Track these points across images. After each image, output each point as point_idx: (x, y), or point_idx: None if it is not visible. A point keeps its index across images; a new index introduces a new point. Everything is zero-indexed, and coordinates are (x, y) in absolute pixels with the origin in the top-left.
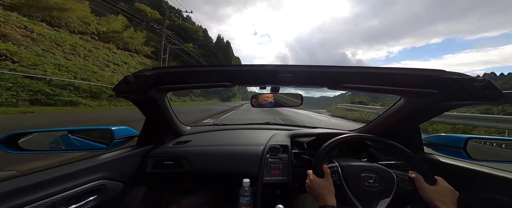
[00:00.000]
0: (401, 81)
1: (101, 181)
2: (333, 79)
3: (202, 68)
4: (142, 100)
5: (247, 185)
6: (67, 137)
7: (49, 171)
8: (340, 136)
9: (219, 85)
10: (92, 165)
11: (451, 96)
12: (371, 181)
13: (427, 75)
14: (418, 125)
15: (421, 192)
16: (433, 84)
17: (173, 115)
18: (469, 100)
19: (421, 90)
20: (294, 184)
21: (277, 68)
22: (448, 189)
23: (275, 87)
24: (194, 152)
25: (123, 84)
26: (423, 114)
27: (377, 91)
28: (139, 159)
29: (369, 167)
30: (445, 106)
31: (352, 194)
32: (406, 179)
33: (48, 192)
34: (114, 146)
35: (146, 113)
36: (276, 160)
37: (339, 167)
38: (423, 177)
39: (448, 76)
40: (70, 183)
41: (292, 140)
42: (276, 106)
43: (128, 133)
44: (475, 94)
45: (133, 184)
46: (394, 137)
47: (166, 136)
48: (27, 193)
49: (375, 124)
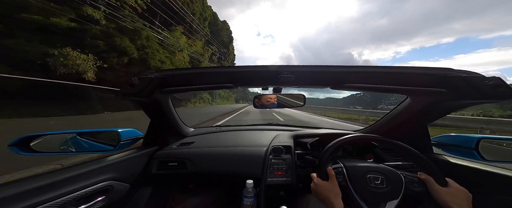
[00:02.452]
0: (407, 80)
1: (109, 182)
2: (336, 79)
3: (204, 70)
4: (147, 102)
5: (250, 186)
6: (76, 139)
7: (60, 172)
8: (344, 137)
9: (221, 87)
10: (100, 166)
11: (461, 94)
12: (378, 182)
13: (434, 74)
14: (426, 125)
15: (434, 194)
16: (441, 82)
17: (177, 116)
18: (479, 99)
19: (428, 89)
20: (297, 185)
21: (280, 69)
22: (462, 191)
23: (278, 87)
24: (198, 153)
25: (128, 87)
26: (431, 113)
27: (382, 91)
28: (144, 161)
29: (375, 168)
30: (454, 105)
31: (358, 195)
32: (415, 180)
33: (59, 193)
34: (120, 147)
35: (150, 115)
36: (279, 161)
37: (344, 168)
38: (433, 179)
39: (456, 74)
40: (79, 183)
41: (295, 141)
42: (278, 107)
43: (134, 135)
44: (485, 92)
45: (139, 185)
46: (401, 137)
47: (170, 138)
48: (39, 193)
49: (380, 124)
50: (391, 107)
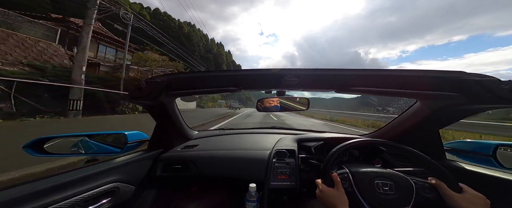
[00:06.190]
0: (416, 83)
1: (115, 184)
2: (340, 82)
3: (209, 74)
4: (153, 106)
5: (253, 190)
6: (86, 141)
7: (69, 173)
8: (351, 141)
9: (225, 90)
10: (107, 168)
11: (475, 99)
12: (387, 189)
13: (446, 77)
14: (437, 130)
15: (449, 201)
16: (453, 86)
17: (181, 119)
18: (495, 103)
19: (439, 93)
20: (301, 189)
21: (283, 72)
22: (478, 197)
23: (281, 91)
24: (201, 156)
25: (136, 90)
26: (442, 118)
27: (390, 94)
28: (149, 163)
29: (383, 174)
30: (468, 110)
31: (366, 202)
32: (426, 186)
33: (68, 194)
34: (127, 150)
35: (156, 118)
36: (282, 165)
37: (350, 173)
38: (446, 184)
39: (469, 78)
40: (88, 185)
41: (299, 145)
42: (281, 110)
43: (140, 137)
44: (502, 96)
45: (144, 187)
46: (410, 142)
47: (175, 140)
48: (50, 194)
49: (388, 129)
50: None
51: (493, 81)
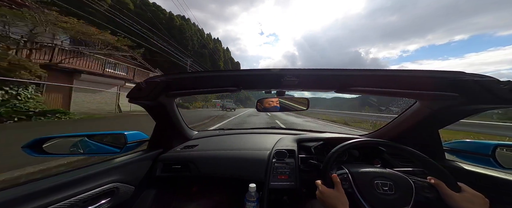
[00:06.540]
0: (416, 83)
1: (115, 184)
2: (340, 82)
3: (208, 74)
4: (153, 106)
5: (253, 190)
6: (85, 142)
7: (68, 173)
8: (350, 141)
9: (225, 90)
10: (107, 168)
11: (474, 99)
12: (386, 189)
13: (445, 77)
14: (437, 130)
15: (448, 200)
16: (452, 86)
17: (181, 119)
18: (495, 104)
19: (439, 93)
20: (301, 189)
21: (283, 72)
22: (478, 197)
23: (281, 91)
24: (201, 156)
25: (136, 91)
26: (442, 118)
27: (389, 95)
28: (149, 163)
29: (383, 174)
30: (467, 110)
31: (366, 203)
32: (425, 185)
33: (67, 194)
34: (126, 150)
35: (156, 118)
36: (282, 165)
37: (349, 173)
38: (445, 184)
39: (469, 78)
40: (87, 185)
41: (299, 145)
42: (281, 110)
43: (139, 137)
44: (501, 96)
45: (144, 188)
46: (410, 142)
47: (174, 141)
48: (48, 195)
49: (388, 129)
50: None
51: (493, 81)
